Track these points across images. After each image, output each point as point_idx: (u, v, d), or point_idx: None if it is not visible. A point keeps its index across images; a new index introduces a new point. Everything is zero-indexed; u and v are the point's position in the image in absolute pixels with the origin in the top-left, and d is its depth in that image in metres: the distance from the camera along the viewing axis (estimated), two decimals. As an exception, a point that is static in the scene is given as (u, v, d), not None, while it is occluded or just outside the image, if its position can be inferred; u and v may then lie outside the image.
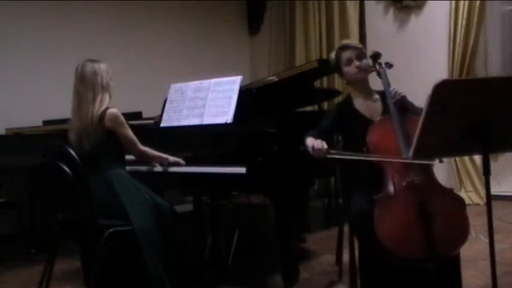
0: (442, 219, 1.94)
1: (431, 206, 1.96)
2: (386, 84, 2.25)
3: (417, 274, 2.01)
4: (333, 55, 2.42)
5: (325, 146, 2.13)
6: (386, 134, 2.13)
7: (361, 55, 2.35)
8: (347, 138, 2.37)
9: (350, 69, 2.34)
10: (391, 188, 2.06)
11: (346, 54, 2.34)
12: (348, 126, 2.32)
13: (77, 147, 2.46)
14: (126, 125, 2.50)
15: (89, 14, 5.06)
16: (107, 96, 2.52)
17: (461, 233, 1.97)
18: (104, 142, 2.46)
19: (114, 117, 2.45)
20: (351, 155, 2.12)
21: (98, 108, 2.45)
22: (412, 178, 2.02)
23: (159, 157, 2.67)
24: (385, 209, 1.99)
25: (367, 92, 2.39)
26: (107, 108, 2.48)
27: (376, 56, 2.35)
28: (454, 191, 2.12)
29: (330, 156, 2.12)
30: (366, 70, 2.33)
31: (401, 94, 2.20)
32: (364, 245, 2.10)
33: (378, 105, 2.35)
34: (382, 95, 2.33)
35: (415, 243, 1.91)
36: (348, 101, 2.40)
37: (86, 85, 2.49)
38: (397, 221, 1.96)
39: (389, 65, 2.32)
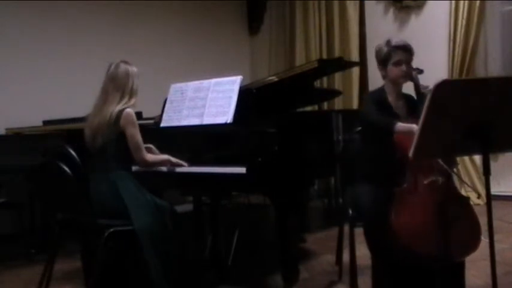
0: (457, 223, 1.97)
1: (449, 208, 1.99)
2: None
3: (424, 275, 2.03)
4: (384, 49, 2.31)
5: None
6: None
7: (409, 60, 2.31)
8: (374, 129, 2.29)
9: (397, 71, 2.30)
10: (412, 184, 2.08)
11: (399, 55, 2.28)
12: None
13: (90, 143, 2.49)
14: (137, 127, 2.49)
15: (89, 14, 5.06)
16: (132, 101, 2.54)
17: (473, 239, 2.00)
18: (115, 142, 2.46)
19: (127, 116, 2.45)
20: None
21: (119, 109, 2.46)
22: (435, 178, 2.05)
23: (161, 163, 2.67)
24: (404, 202, 2.02)
25: (399, 92, 2.40)
26: (125, 108, 2.48)
27: (419, 72, 2.32)
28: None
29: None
30: (408, 77, 2.30)
31: None
32: (376, 245, 2.11)
33: (405, 107, 2.37)
34: (408, 98, 2.36)
35: (429, 239, 1.93)
36: (383, 94, 2.38)
37: (117, 85, 2.50)
38: (414, 215, 1.99)
39: (420, 71, 2.31)
